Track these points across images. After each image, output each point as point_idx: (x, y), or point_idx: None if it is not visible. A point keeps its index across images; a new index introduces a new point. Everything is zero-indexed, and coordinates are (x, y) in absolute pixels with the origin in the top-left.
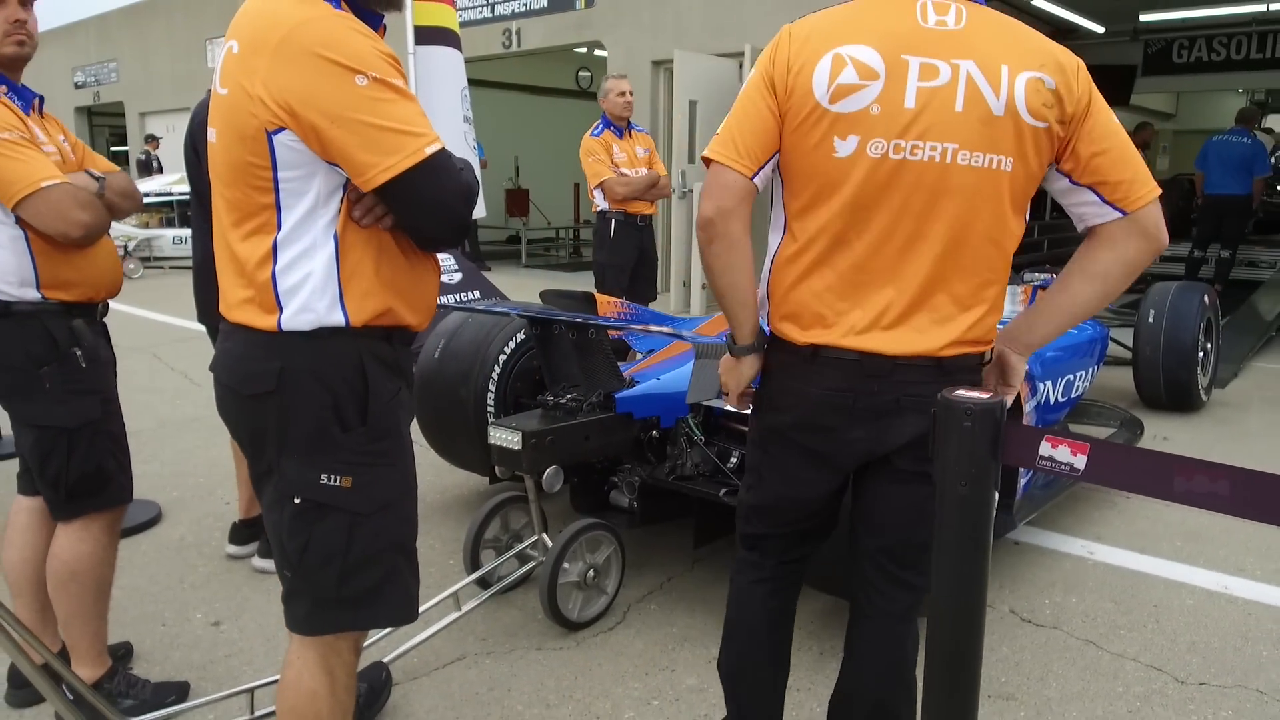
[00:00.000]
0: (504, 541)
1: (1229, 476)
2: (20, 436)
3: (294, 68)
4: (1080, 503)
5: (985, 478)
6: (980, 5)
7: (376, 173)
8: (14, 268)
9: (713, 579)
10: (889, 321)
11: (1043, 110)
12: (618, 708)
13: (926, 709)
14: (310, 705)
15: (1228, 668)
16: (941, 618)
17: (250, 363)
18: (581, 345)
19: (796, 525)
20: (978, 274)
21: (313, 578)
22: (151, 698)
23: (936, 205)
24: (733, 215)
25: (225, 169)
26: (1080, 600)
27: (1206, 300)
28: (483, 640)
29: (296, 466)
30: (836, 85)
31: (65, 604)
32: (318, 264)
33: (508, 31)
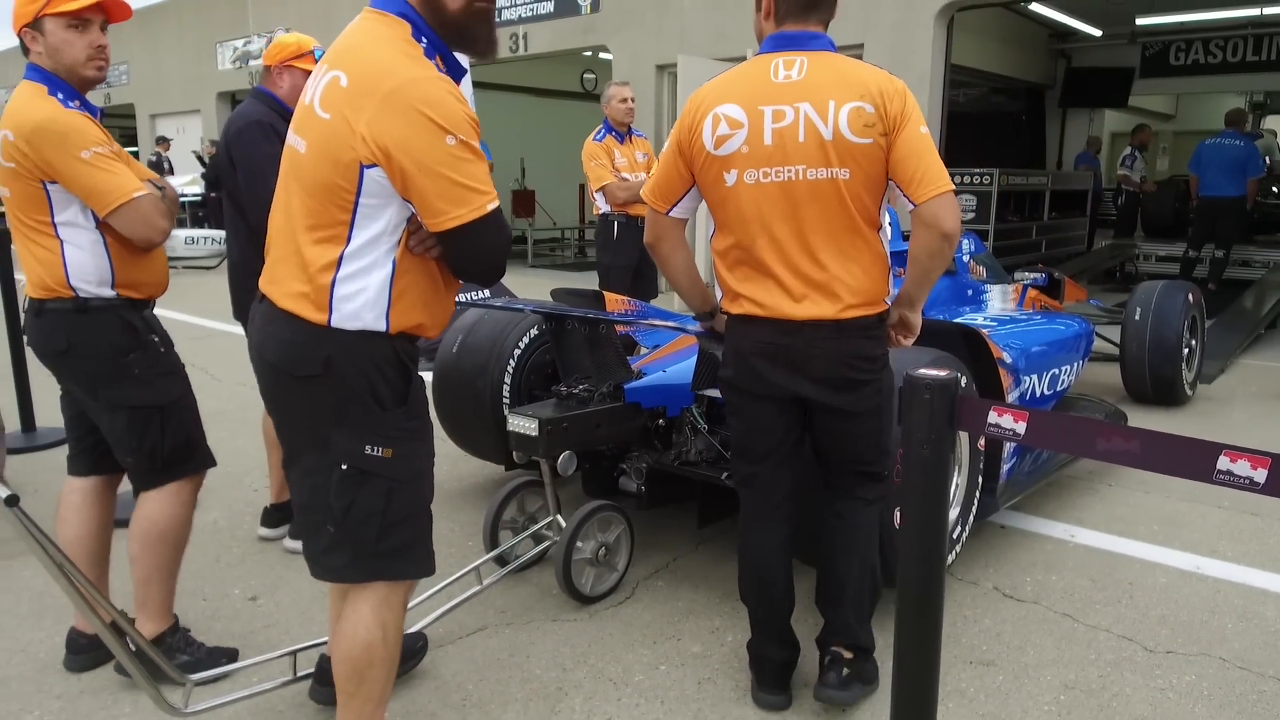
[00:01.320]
0: (520, 522)
1: (1139, 437)
2: (105, 420)
3: (398, 118)
4: (1063, 490)
5: (943, 441)
6: (821, 52)
7: (446, 219)
8: (94, 268)
9: (716, 559)
10: (795, 296)
11: (864, 130)
12: (628, 671)
13: (899, 631)
14: (366, 654)
15: (1194, 638)
16: (908, 558)
17: (300, 348)
18: (593, 339)
19: (768, 457)
20: (844, 254)
21: (355, 533)
22: (205, 658)
23: (799, 210)
24: (662, 240)
25: (311, 181)
26: (1060, 578)
27: (1191, 298)
28: (502, 613)
29: (344, 438)
30: (716, 136)
31: (149, 562)
32: (374, 281)
33: (515, 36)
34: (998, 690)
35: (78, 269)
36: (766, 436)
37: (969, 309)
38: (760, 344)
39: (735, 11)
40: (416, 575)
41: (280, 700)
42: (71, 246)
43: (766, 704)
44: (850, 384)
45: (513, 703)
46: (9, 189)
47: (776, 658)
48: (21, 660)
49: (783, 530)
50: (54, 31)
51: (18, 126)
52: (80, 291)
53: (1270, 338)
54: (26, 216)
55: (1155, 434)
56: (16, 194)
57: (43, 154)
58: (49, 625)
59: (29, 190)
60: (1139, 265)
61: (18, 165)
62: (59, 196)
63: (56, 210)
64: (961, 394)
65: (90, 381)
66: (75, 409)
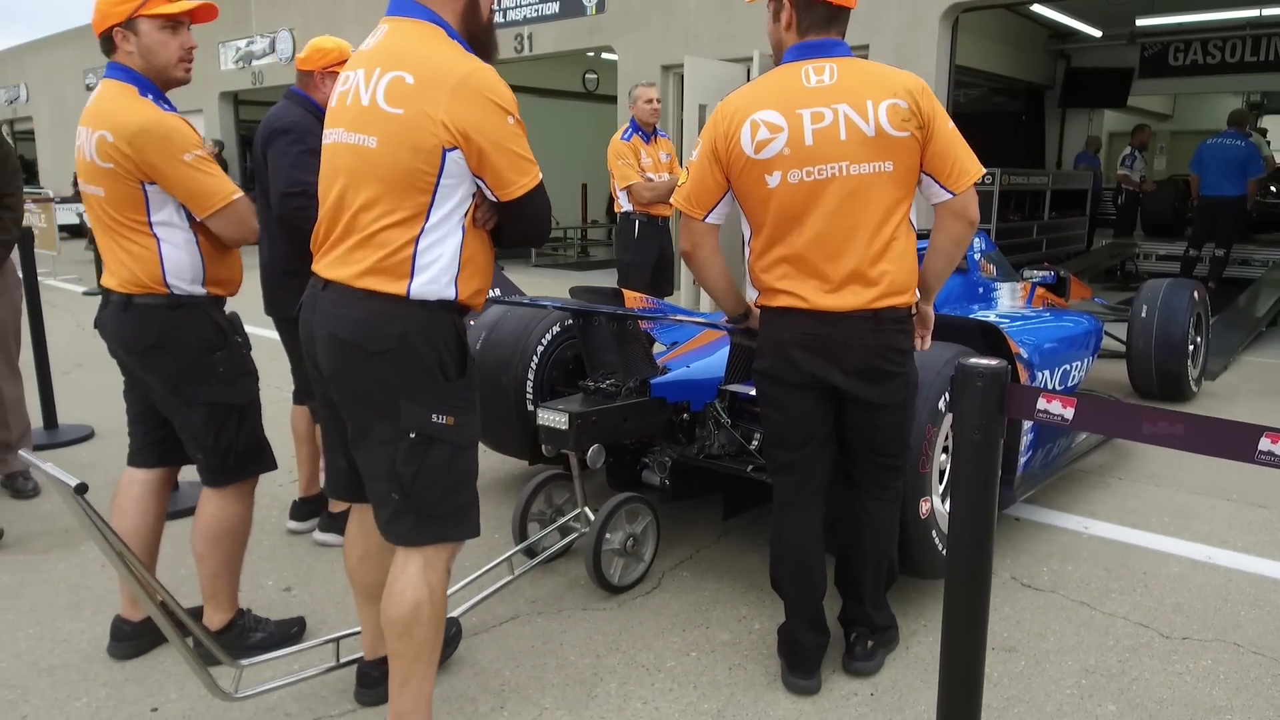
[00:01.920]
0: (548, 515)
1: (1184, 420)
2: (182, 414)
3: (471, 105)
4: (1076, 484)
5: (994, 427)
6: (846, 58)
7: (516, 188)
8: (188, 266)
9: (739, 550)
10: (831, 289)
11: (902, 124)
12: (660, 658)
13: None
14: (413, 613)
15: (1209, 625)
16: (960, 533)
17: (374, 325)
18: (620, 335)
19: (805, 445)
20: (882, 244)
21: (420, 497)
22: (278, 630)
23: (841, 205)
24: (700, 246)
25: (389, 170)
26: (1076, 568)
27: (1196, 296)
28: (533, 602)
29: (413, 409)
30: (756, 141)
31: (217, 558)
32: (448, 249)
33: (520, 36)
34: (1020, 675)
35: (174, 267)
36: (803, 424)
37: (980, 306)
38: (800, 334)
39: (740, 13)
40: (469, 535)
41: (323, 686)
42: (168, 245)
43: (797, 688)
44: (882, 375)
45: (550, 687)
46: (104, 188)
47: (808, 642)
48: (65, 650)
49: (818, 516)
50: (149, 32)
51: (118, 128)
52: (175, 289)
53: (1271, 335)
54: (121, 215)
55: (1199, 417)
56: (112, 193)
57: (146, 156)
58: (88, 616)
59: (127, 190)
60: (1139, 264)
61: (117, 166)
62: (156, 197)
63: (153, 210)
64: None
65: (175, 376)
66: (143, 404)
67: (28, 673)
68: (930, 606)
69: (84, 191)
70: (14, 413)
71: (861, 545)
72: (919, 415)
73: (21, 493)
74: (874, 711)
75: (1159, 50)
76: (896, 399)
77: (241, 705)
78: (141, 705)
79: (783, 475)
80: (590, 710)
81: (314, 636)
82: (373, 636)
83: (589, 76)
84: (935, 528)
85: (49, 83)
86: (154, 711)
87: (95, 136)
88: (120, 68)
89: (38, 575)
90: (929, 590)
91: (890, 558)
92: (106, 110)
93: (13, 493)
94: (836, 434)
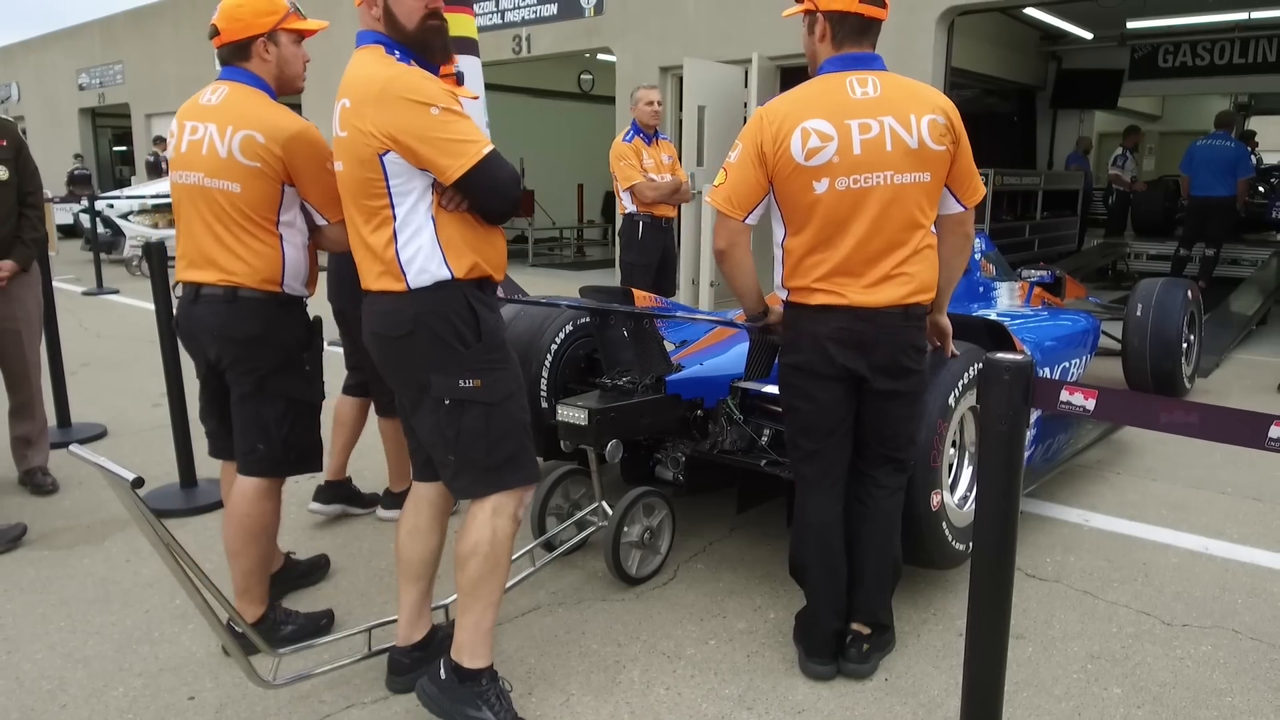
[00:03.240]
0: (565, 509)
1: (1199, 410)
2: (253, 406)
3: (391, 109)
4: (1076, 478)
5: (1020, 418)
6: (886, 73)
7: (453, 170)
8: (302, 267)
9: (751, 543)
10: (868, 285)
11: (940, 139)
12: (680, 646)
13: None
14: (472, 549)
15: (1208, 612)
16: (985, 518)
17: (392, 315)
18: (637, 333)
19: (832, 434)
20: (913, 246)
21: (468, 454)
22: (306, 622)
23: (882, 211)
24: (736, 246)
25: (353, 186)
26: (1078, 559)
27: (1190, 295)
28: (553, 594)
29: (441, 378)
30: (808, 149)
31: (252, 555)
32: (425, 238)
33: (518, 38)
34: (1028, 660)
35: (293, 267)
36: (831, 414)
37: (980, 305)
38: (837, 329)
39: (738, 15)
40: (528, 481)
41: (355, 674)
42: (290, 246)
43: (815, 674)
44: (902, 371)
45: (575, 674)
46: (241, 184)
47: (830, 627)
48: (98, 642)
49: (839, 503)
50: (286, 44)
51: (271, 131)
52: (288, 288)
53: (1261, 333)
54: (254, 212)
55: (1213, 407)
56: (250, 191)
57: (295, 160)
58: (117, 609)
59: (268, 189)
60: (1130, 263)
61: (264, 165)
62: (290, 198)
63: (283, 210)
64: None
65: (267, 369)
66: (221, 400)
67: (63, 664)
68: (939, 597)
69: (204, 186)
70: (39, 408)
71: (865, 533)
72: (929, 410)
73: (41, 488)
74: (888, 696)
75: (1149, 52)
76: (913, 392)
77: (277, 693)
78: (178, 694)
79: (808, 464)
80: (615, 696)
81: (343, 623)
82: (409, 621)
83: (585, 77)
84: (945, 520)
85: (41, 82)
86: (191, 700)
87: (241, 135)
88: (247, 74)
89: (64, 569)
90: (938, 581)
91: (893, 553)
92: (251, 113)
93: (33, 489)
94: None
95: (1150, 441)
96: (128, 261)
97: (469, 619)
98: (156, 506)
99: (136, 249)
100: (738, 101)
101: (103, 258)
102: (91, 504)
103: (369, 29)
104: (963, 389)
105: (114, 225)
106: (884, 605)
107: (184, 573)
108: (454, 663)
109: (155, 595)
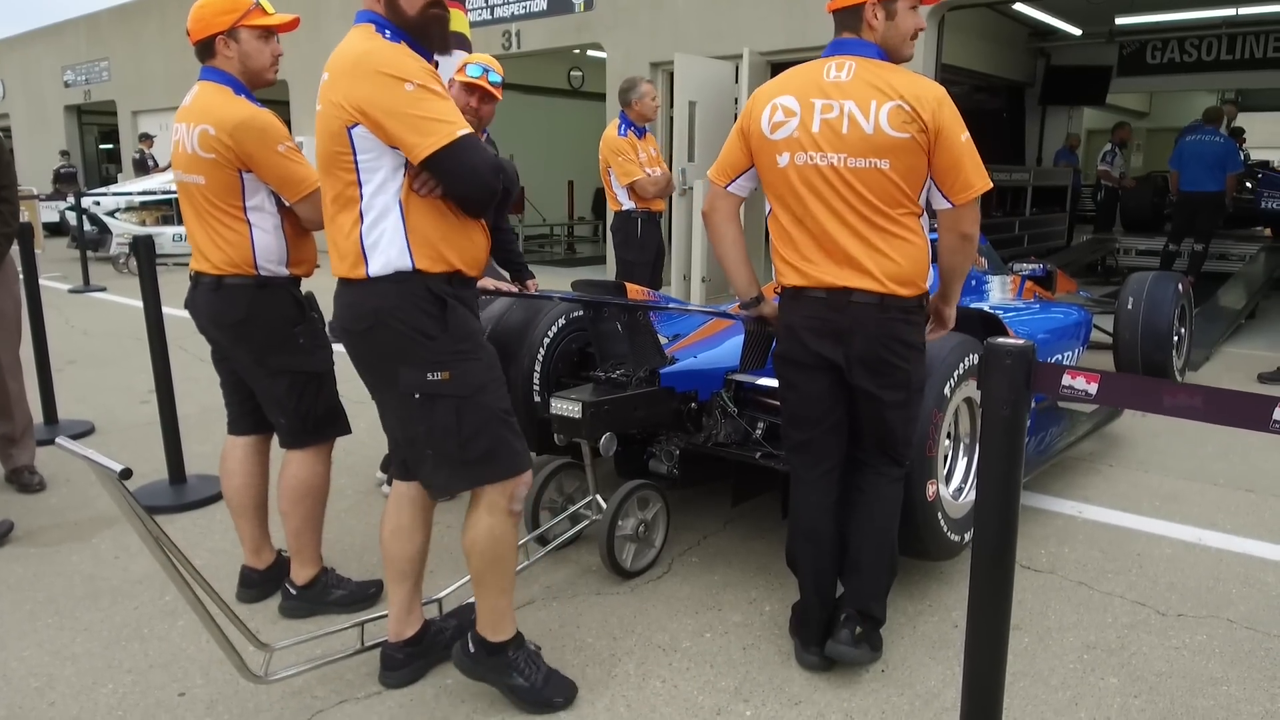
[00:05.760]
0: (559, 503)
1: (1203, 393)
2: (265, 384)
3: (364, 81)
4: (1069, 471)
5: (1021, 403)
6: (865, 58)
7: (421, 149)
8: (275, 249)
9: (745, 536)
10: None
11: (903, 125)
12: (675, 639)
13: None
14: (471, 548)
15: (1202, 602)
16: (986, 504)
17: (355, 308)
18: (631, 326)
19: (819, 424)
20: (880, 234)
21: (442, 450)
22: (357, 589)
23: (840, 192)
24: (716, 210)
25: (323, 160)
26: (1072, 550)
27: (1180, 288)
28: (547, 588)
29: (409, 372)
30: (772, 123)
31: (299, 516)
32: (389, 223)
33: (508, 33)
34: (1025, 651)
35: (264, 250)
36: (817, 405)
37: (972, 298)
38: (809, 318)
39: (729, 10)
40: (510, 474)
41: (348, 669)
42: (259, 230)
43: (810, 664)
44: (884, 366)
45: (569, 667)
46: (204, 176)
47: (822, 617)
48: (86, 638)
49: (832, 492)
50: (247, 40)
51: (220, 122)
52: (262, 270)
53: (1249, 327)
54: (220, 201)
55: (1216, 390)
56: (212, 181)
57: (244, 146)
58: (105, 606)
59: (226, 178)
60: (1119, 259)
61: (218, 156)
62: (251, 184)
63: (248, 195)
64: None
65: (261, 349)
66: (233, 375)
67: (51, 661)
68: (935, 588)
69: (182, 181)
70: (18, 407)
71: (862, 518)
72: (925, 402)
73: (28, 487)
74: (885, 686)
75: (1137, 49)
76: (894, 397)
77: (269, 689)
78: (168, 691)
79: (797, 454)
80: (611, 689)
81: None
82: (398, 618)
83: (574, 74)
84: (940, 510)
85: (26, 80)
86: (181, 696)
87: (198, 130)
88: (216, 71)
89: (51, 567)
90: (933, 573)
91: (890, 544)
92: (208, 107)
93: (19, 487)
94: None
95: (1142, 434)
96: (115, 259)
97: (485, 603)
98: (146, 503)
99: (123, 247)
100: (728, 97)
101: (89, 255)
102: (79, 501)
103: (368, 9)
104: (958, 379)
105: (101, 223)
106: (877, 598)
107: (173, 566)
108: (480, 637)
109: (145, 592)
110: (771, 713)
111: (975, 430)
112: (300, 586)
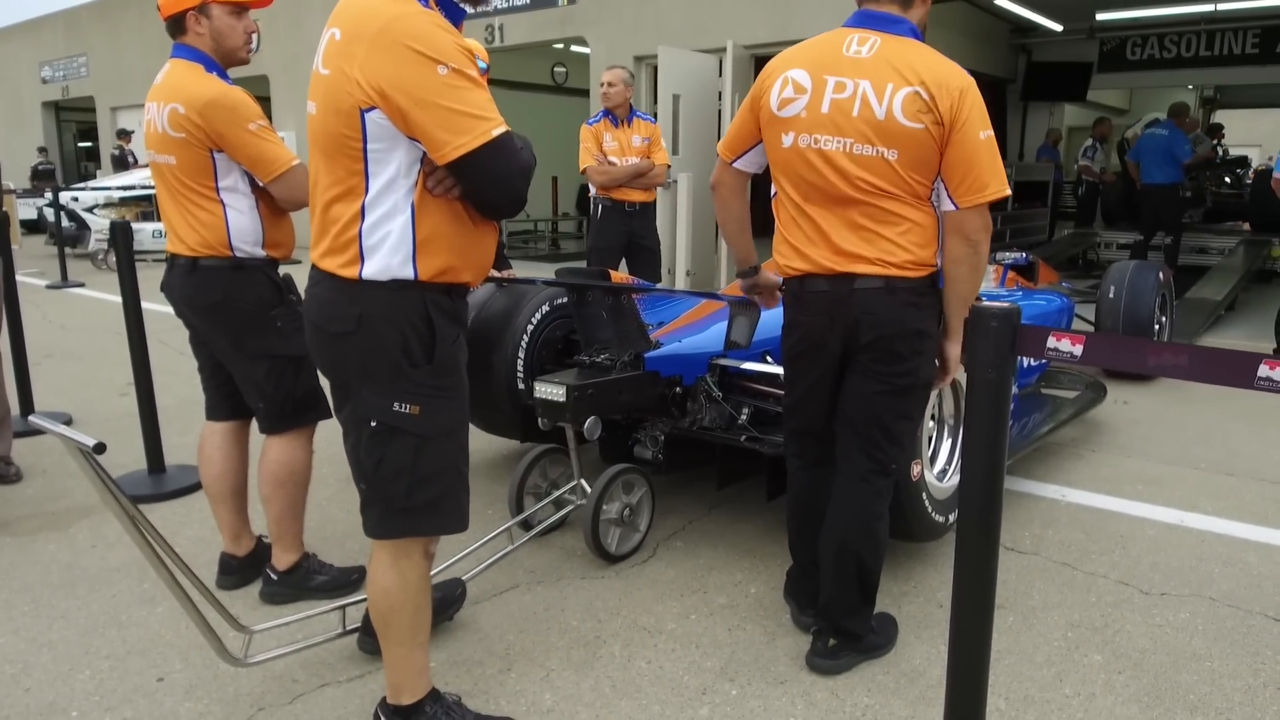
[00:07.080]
0: (543, 488)
1: (1188, 352)
2: (245, 367)
3: (387, 56)
4: (1051, 455)
5: (1006, 366)
6: (894, 35)
7: (450, 149)
8: (250, 230)
9: (729, 520)
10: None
11: (917, 115)
12: (660, 621)
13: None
14: (384, 599)
15: (1185, 581)
16: (972, 471)
17: (335, 306)
18: (615, 310)
19: (815, 417)
20: (886, 224)
21: (384, 489)
22: (340, 575)
23: (844, 179)
24: (722, 184)
25: (324, 139)
26: (1056, 533)
27: (1161, 277)
28: (531, 572)
29: (373, 395)
30: (781, 99)
31: (280, 501)
32: (396, 225)
33: (490, 27)
34: (1009, 629)
35: (238, 231)
36: (813, 390)
37: None
38: (814, 311)
39: (712, 4)
40: (446, 531)
41: (328, 653)
42: (233, 210)
43: (806, 626)
44: (891, 358)
45: (554, 650)
46: (175, 156)
47: (815, 578)
48: (63, 626)
49: (820, 485)
50: (219, 17)
51: (189, 100)
52: (238, 251)
53: (1229, 319)
54: (193, 182)
55: (1202, 348)
56: (184, 161)
57: (214, 125)
58: (83, 594)
59: (197, 158)
60: (1100, 253)
61: (188, 135)
62: (223, 164)
63: (220, 176)
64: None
65: (238, 332)
66: (211, 362)
67: (26, 648)
68: (919, 570)
69: (155, 162)
70: None
71: (829, 522)
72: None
73: (5, 478)
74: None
75: (1117, 45)
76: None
77: (249, 673)
78: (147, 676)
79: (790, 440)
80: (595, 670)
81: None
82: None
83: (558, 70)
84: (925, 491)
85: (3, 76)
86: (160, 681)
87: (167, 109)
88: (187, 48)
89: (28, 556)
90: (917, 554)
91: (857, 553)
92: (177, 85)
93: None
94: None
95: (1124, 420)
96: (93, 255)
97: (393, 659)
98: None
99: (102, 243)
100: (712, 90)
101: (67, 251)
102: (56, 491)
103: None
104: None
105: (79, 219)
106: (851, 612)
107: (148, 545)
108: (392, 707)
109: (122, 579)
110: (757, 692)
111: (959, 412)
112: (282, 572)
